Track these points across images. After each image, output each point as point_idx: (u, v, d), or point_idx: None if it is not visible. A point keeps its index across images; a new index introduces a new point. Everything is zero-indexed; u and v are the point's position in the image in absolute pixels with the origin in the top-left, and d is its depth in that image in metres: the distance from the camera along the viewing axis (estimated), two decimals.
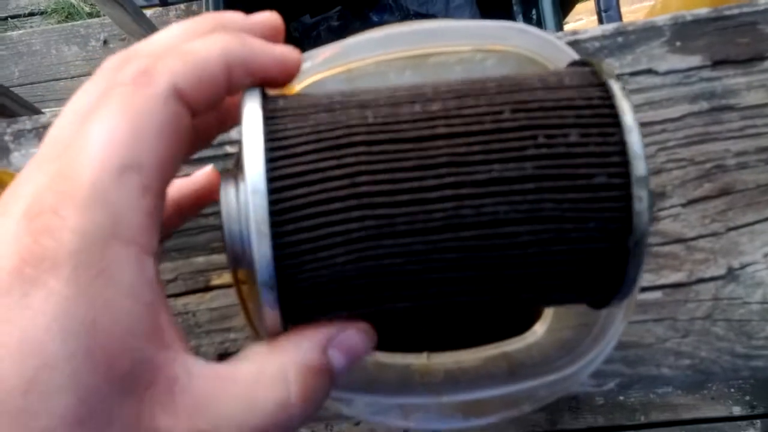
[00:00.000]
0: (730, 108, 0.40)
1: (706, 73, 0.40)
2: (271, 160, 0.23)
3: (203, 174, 0.33)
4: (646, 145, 0.40)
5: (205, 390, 0.22)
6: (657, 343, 0.38)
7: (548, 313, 0.35)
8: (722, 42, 0.41)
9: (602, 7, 1.10)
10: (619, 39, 0.41)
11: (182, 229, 0.41)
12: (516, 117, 0.24)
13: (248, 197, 0.22)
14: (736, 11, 0.41)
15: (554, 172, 0.23)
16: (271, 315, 0.23)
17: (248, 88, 0.25)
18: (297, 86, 0.34)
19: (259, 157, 0.23)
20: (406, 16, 1.46)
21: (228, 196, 0.24)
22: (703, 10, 0.41)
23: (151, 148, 0.21)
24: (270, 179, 0.23)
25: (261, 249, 0.22)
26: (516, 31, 0.33)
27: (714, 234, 0.39)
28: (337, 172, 0.23)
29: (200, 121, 0.27)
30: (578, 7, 1.32)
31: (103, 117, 0.21)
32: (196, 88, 0.23)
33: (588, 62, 0.27)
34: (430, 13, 1.45)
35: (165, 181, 0.22)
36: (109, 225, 0.20)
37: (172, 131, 0.22)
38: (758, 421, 1.27)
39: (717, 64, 0.40)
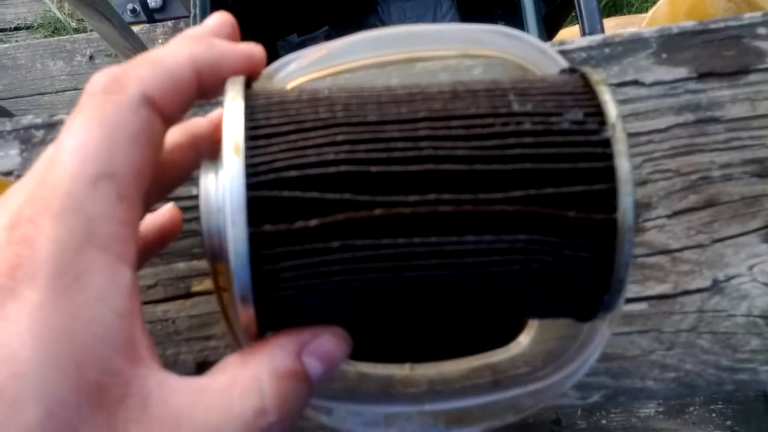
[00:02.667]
0: (715, 120, 0.40)
1: (692, 85, 0.40)
2: (250, 148, 0.23)
3: (166, 210, 0.33)
4: (632, 156, 0.39)
5: (180, 402, 0.21)
6: (642, 356, 0.37)
7: (533, 323, 0.35)
8: (708, 55, 0.41)
9: (587, 31, 1.11)
10: (606, 50, 0.41)
11: None
12: (506, 123, 0.24)
13: (225, 188, 0.22)
14: (721, 24, 0.41)
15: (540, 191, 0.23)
16: (244, 311, 0.22)
17: (231, 78, 0.25)
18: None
19: (238, 148, 0.22)
20: None
21: (207, 186, 0.24)
22: (689, 23, 0.41)
23: (125, 156, 0.22)
24: (249, 174, 0.22)
25: (237, 243, 0.22)
26: (503, 35, 0.33)
27: (699, 246, 0.38)
28: (319, 171, 0.23)
29: (176, 156, 0.27)
30: (563, 32, 1.34)
31: (76, 127, 0.21)
32: (167, 95, 0.23)
33: (579, 72, 0.27)
34: None
35: (140, 188, 0.22)
36: (83, 233, 0.20)
37: (145, 139, 0.22)
38: None
39: (703, 76, 0.40)
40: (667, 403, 1.32)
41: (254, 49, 0.26)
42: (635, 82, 0.41)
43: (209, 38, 0.25)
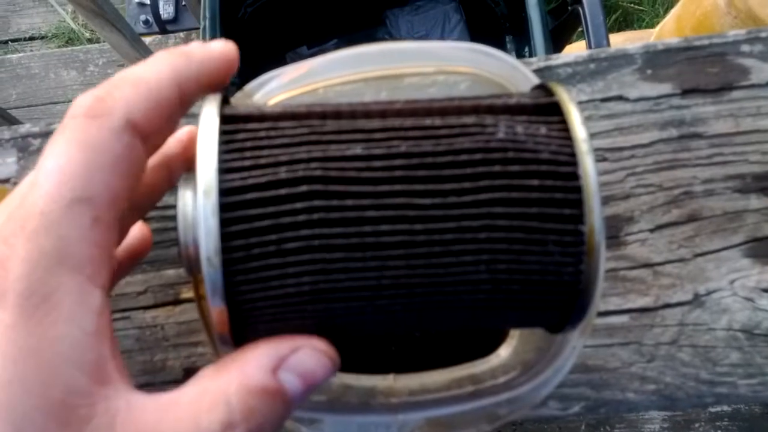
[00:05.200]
0: (698, 136, 0.40)
1: (676, 101, 0.41)
2: (224, 170, 0.23)
3: (136, 229, 0.33)
4: (615, 171, 0.40)
5: (147, 419, 0.21)
6: (622, 368, 0.38)
7: (514, 334, 0.35)
8: (692, 71, 0.41)
9: (593, 46, 1.12)
10: (591, 65, 0.42)
11: (154, 242, 0.41)
12: (475, 142, 0.24)
13: (198, 203, 0.22)
14: (706, 42, 0.42)
15: (508, 209, 0.24)
16: (217, 312, 0.23)
17: (209, 96, 0.26)
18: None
19: (211, 166, 0.23)
20: None
21: (184, 202, 0.24)
22: (674, 40, 0.42)
23: (103, 181, 0.22)
24: (222, 191, 0.23)
25: (209, 257, 0.22)
26: (482, 54, 0.34)
27: (681, 260, 0.39)
28: (291, 190, 0.23)
29: (149, 178, 0.28)
30: (571, 46, 1.34)
31: (57, 149, 0.22)
32: (151, 118, 0.23)
33: (548, 89, 0.27)
34: None
35: (117, 212, 0.23)
36: (55, 253, 0.20)
37: (125, 164, 0.23)
38: None
39: (687, 92, 0.41)
40: (672, 418, 1.31)
41: (225, 46, 0.26)
42: (620, 98, 0.41)
43: (186, 50, 0.25)
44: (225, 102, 0.26)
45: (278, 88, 0.35)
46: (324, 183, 0.23)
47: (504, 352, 0.35)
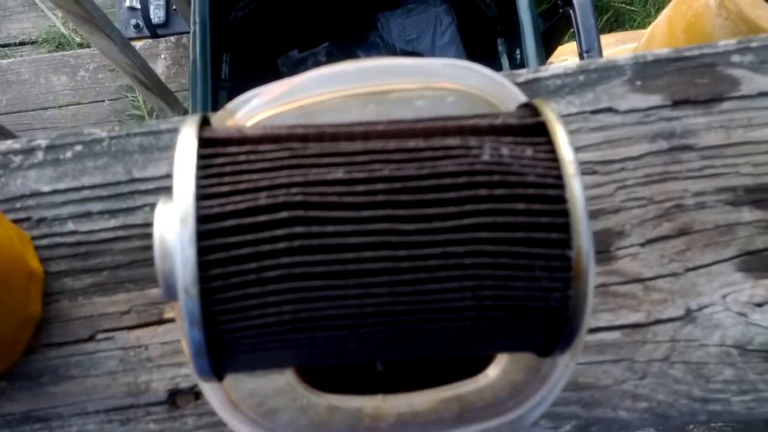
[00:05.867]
0: (689, 148, 0.40)
1: (666, 113, 0.40)
2: (202, 197, 0.23)
3: None
4: (605, 184, 0.39)
5: None
6: (614, 385, 0.37)
7: (503, 354, 0.34)
8: (683, 82, 0.41)
9: (584, 48, 1.12)
10: (581, 77, 0.41)
11: (138, 260, 0.40)
12: (460, 165, 0.24)
13: (175, 231, 0.22)
14: (696, 52, 0.41)
15: (493, 235, 0.23)
16: (195, 343, 0.22)
17: (188, 118, 0.25)
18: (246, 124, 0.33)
19: (189, 192, 0.22)
20: (393, 53, 1.47)
21: (161, 227, 0.24)
22: (664, 51, 0.41)
23: None
24: (200, 218, 0.22)
25: (187, 287, 0.22)
26: (466, 70, 0.33)
27: (672, 274, 0.38)
28: (271, 217, 0.23)
29: None
30: (563, 48, 1.34)
31: None
32: None
33: (534, 108, 0.27)
34: (417, 51, 1.46)
35: None
36: None
37: None
38: None
39: (677, 104, 0.40)
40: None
41: None
42: (609, 110, 0.41)
43: None
44: (205, 123, 0.26)
45: (260, 106, 0.34)
46: (304, 209, 0.23)
47: (493, 371, 0.34)
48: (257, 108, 0.32)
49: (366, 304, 0.23)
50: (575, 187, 0.24)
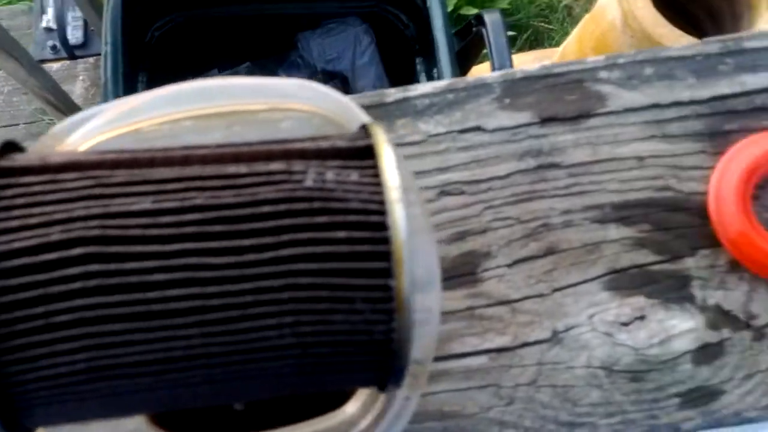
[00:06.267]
0: (556, 166, 0.39)
1: (534, 131, 0.40)
2: None
3: None
4: (472, 204, 0.38)
5: None
6: (480, 413, 0.36)
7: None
8: (551, 99, 0.40)
9: (496, 66, 1.12)
10: (449, 96, 0.40)
11: None
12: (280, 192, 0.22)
13: None
14: (564, 69, 0.41)
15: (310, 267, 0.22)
16: None
17: None
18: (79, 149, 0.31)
19: None
20: (314, 73, 1.46)
21: None
22: (533, 67, 0.41)
23: None
24: None
25: None
26: (310, 90, 0.32)
27: (539, 295, 0.37)
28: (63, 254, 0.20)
29: None
30: (478, 68, 1.35)
31: None
32: None
33: (368, 130, 0.25)
34: (337, 70, 1.45)
35: None
36: None
37: None
38: None
39: (545, 121, 0.40)
40: None
41: None
42: (477, 128, 0.40)
43: None
44: (12, 150, 0.23)
45: (95, 129, 0.32)
46: (101, 244, 0.21)
47: (352, 407, 0.33)
48: (93, 131, 0.30)
49: (173, 347, 0.21)
50: (397, 214, 0.22)
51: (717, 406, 0.36)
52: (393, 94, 0.41)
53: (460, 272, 0.38)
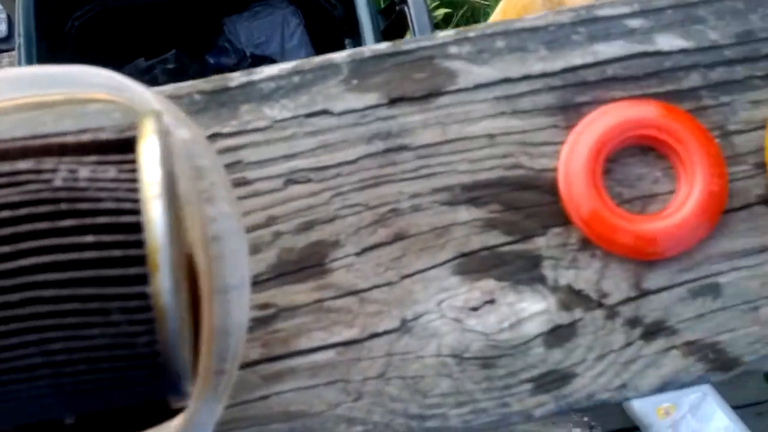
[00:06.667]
0: (405, 148, 0.37)
1: (383, 112, 0.38)
2: None
3: None
4: (320, 192, 0.37)
5: None
6: (328, 410, 0.34)
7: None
8: (400, 78, 0.38)
9: None
10: (296, 78, 0.39)
11: None
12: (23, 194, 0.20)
13: None
14: (413, 45, 0.39)
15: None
16: None
17: None
18: None
19: None
20: (243, 58, 1.42)
21: None
22: (383, 45, 0.39)
23: None
24: None
25: None
26: (109, 79, 0.30)
27: (388, 283, 0.36)
28: None
29: None
30: None
31: None
32: None
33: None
34: (266, 54, 1.42)
35: None
36: None
37: None
38: None
39: (394, 101, 0.38)
40: None
41: None
42: (324, 112, 0.38)
43: None
44: None
45: None
46: None
47: (178, 420, 0.31)
48: None
49: None
50: (153, 213, 0.21)
51: (569, 389, 0.35)
52: (237, 77, 0.39)
53: (308, 264, 0.36)
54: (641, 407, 0.35)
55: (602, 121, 0.36)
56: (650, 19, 0.39)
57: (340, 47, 1.34)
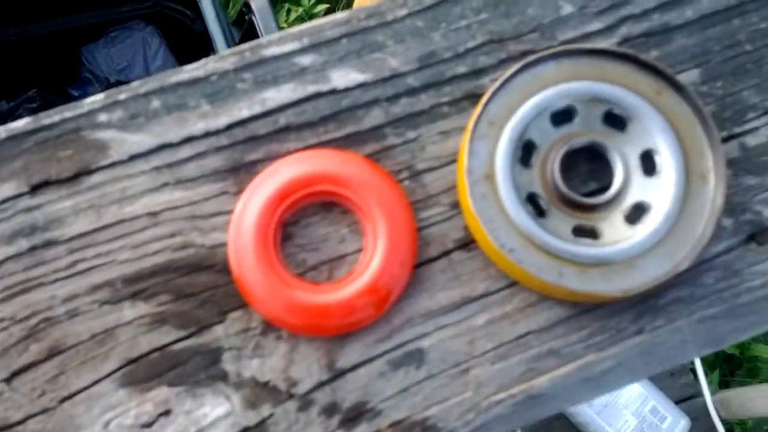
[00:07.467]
0: (54, 242, 0.32)
1: (25, 202, 0.32)
2: None
3: None
4: None
5: None
6: None
7: None
8: (42, 159, 0.32)
9: None
10: None
11: None
12: None
13: None
14: (57, 118, 0.33)
15: None
16: None
17: None
18: None
19: None
20: (108, 86, 1.35)
21: None
22: (20, 123, 0.33)
23: None
24: None
25: None
26: None
27: (44, 411, 0.30)
28: None
29: None
30: None
31: None
32: None
33: None
34: (131, 78, 1.35)
35: None
36: None
37: None
38: None
39: (36, 188, 0.32)
40: None
41: None
42: None
43: None
44: None
45: None
46: None
47: None
48: None
49: None
50: None
51: None
52: None
53: None
54: None
55: (271, 182, 0.31)
56: (323, 54, 0.33)
57: None
